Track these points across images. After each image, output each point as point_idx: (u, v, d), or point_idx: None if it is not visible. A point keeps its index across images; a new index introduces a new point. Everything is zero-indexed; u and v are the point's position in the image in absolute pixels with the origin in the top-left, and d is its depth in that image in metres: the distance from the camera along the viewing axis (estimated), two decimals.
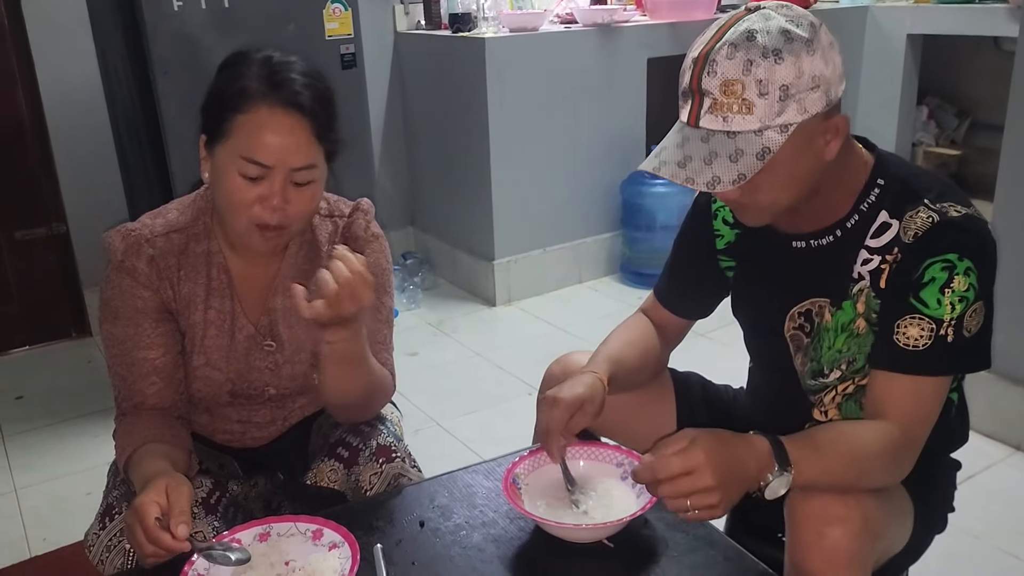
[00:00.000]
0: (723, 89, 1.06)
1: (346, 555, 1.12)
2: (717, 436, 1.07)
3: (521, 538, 1.21)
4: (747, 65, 1.04)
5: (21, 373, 3.22)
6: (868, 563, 1.13)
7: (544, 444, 1.23)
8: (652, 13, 3.83)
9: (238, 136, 1.24)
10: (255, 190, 1.24)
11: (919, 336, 1.13)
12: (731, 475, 1.03)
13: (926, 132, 4.89)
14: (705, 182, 1.07)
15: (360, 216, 1.45)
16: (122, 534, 1.26)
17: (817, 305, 1.27)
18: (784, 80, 1.04)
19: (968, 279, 1.11)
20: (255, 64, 1.26)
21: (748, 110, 1.05)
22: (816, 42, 1.06)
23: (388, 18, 3.84)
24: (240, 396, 1.45)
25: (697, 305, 1.48)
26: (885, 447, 1.12)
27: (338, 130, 1.31)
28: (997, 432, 2.45)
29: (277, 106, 1.23)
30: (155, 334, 1.35)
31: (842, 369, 1.27)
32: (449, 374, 3.07)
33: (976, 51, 4.63)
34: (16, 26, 3.12)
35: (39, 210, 3.33)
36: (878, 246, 1.19)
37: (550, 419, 1.20)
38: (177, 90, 2.64)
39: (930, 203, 1.15)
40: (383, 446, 1.41)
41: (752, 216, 1.20)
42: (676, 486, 1.03)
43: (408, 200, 4.14)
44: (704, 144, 1.08)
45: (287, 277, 1.41)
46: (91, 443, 2.68)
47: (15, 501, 2.42)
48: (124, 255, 1.34)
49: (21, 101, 3.19)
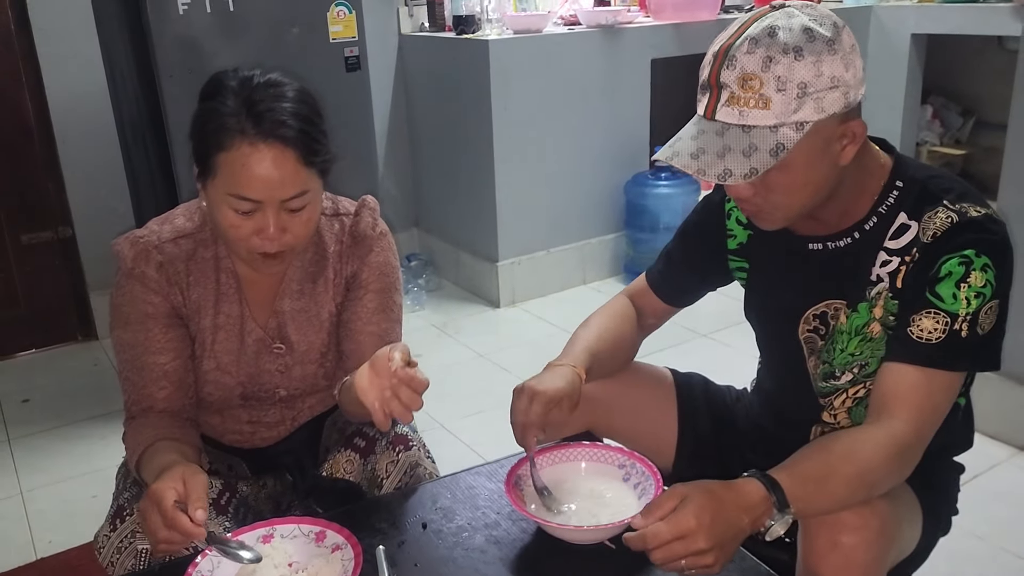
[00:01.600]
0: (741, 83, 1.05)
1: (349, 557, 1.13)
2: (708, 494, 1.04)
3: (523, 540, 1.22)
4: (767, 61, 1.04)
5: (27, 376, 3.23)
6: (883, 570, 1.13)
7: (519, 438, 1.22)
8: (656, 14, 3.83)
9: (223, 174, 1.22)
10: (250, 223, 1.24)
11: (933, 329, 1.12)
12: (724, 533, 1.02)
13: (930, 131, 4.88)
14: (717, 174, 1.06)
15: (367, 213, 1.46)
16: (133, 536, 1.27)
17: (832, 307, 1.27)
18: (803, 78, 1.04)
19: (986, 275, 1.11)
20: (232, 95, 1.22)
21: (765, 105, 1.05)
22: (838, 43, 1.06)
23: (392, 20, 3.85)
24: (251, 398, 1.46)
25: (690, 295, 1.48)
26: (892, 453, 1.09)
27: (328, 146, 1.28)
28: (1002, 433, 2.44)
29: (260, 141, 1.20)
30: (165, 339, 1.36)
31: (854, 372, 1.26)
32: (453, 376, 3.08)
33: (980, 50, 4.62)
34: (23, 31, 3.13)
35: (45, 214, 3.34)
36: (897, 248, 1.19)
37: (528, 414, 1.20)
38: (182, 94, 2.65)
39: (949, 204, 1.15)
40: (400, 435, 1.43)
41: (767, 220, 1.19)
42: (670, 552, 1.01)
43: (412, 202, 4.15)
44: (719, 137, 1.08)
45: (294, 280, 1.42)
46: (97, 446, 2.69)
47: (21, 504, 2.43)
48: (134, 262, 1.35)
49: (28, 106, 3.21)
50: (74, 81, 3.20)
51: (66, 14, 3.13)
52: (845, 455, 1.09)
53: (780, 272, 1.33)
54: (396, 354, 1.09)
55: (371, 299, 1.44)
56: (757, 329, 1.44)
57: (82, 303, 3.46)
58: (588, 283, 3.87)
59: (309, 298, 1.44)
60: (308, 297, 1.44)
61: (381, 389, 1.09)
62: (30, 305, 3.39)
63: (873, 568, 1.09)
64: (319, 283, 1.44)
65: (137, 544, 1.26)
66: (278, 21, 2.77)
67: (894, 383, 1.14)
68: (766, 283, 1.37)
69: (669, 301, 1.47)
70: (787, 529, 1.06)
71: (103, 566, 1.28)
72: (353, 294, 1.45)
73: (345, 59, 2.92)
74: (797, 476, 1.07)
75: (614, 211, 3.84)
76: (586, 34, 3.60)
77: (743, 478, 1.07)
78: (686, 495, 1.04)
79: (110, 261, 1.39)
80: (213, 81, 1.27)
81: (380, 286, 1.45)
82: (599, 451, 1.33)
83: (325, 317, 1.45)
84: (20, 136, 3.23)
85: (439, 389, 2.88)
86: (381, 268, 1.45)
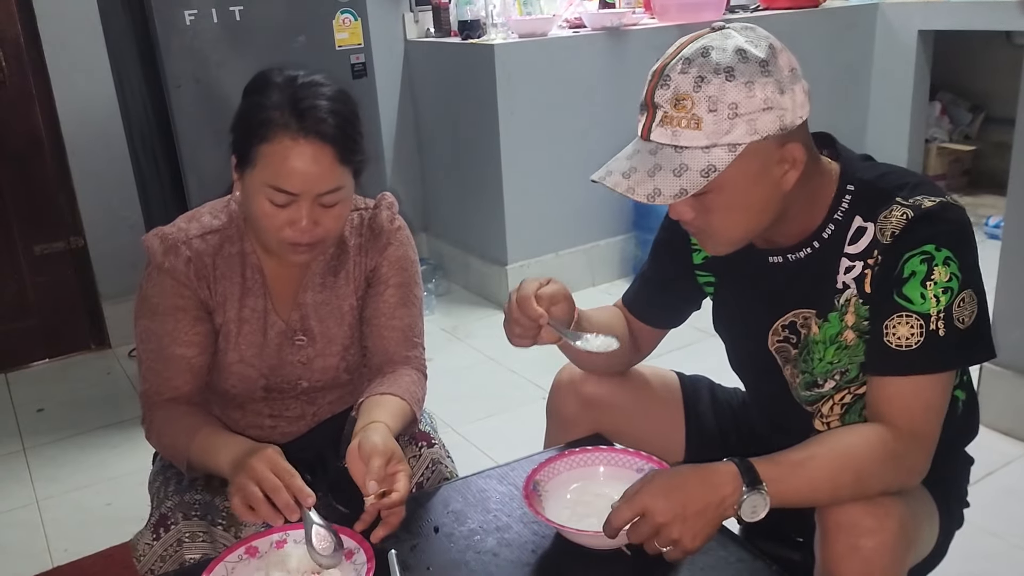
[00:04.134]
0: (674, 103, 1.06)
1: (361, 561, 1.13)
2: (670, 473, 1.08)
3: (535, 542, 1.22)
4: (698, 81, 1.04)
5: (41, 386, 3.25)
6: (903, 572, 1.12)
7: (519, 311, 1.17)
8: (661, 16, 3.83)
9: (264, 165, 1.27)
10: (284, 214, 1.28)
11: (910, 335, 1.11)
12: (684, 508, 1.04)
13: (939, 128, 4.87)
14: (646, 194, 1.07)
15: (384, 208, 1.50)
16: (180, 545, 1.28)
17: (801, 317, 1.26)
18: (734, 99, 1.04)
19: (949, 269, 1.10)
20: (277, 90, 1.28)
21: (696, 125, 1.05)
22: (773, 65, 1.06)
23: (398, 27, 3.86)
24: (273, 390, 1.48)
25: (667, 315, 1.46)
26: (877, 445, 1.09)
27: (364, 147, 1.34)
28: (1015, 429, 2.43)
29: (301, 136, 1.25)
30: (191, 332, 1.39)
31: (836, 379, 1.26)
32: (463, 379, 3.09)
33: (988, 46, 4.61)
34: (32, 44, 3.16)
35: (57, 225, 3.36)
36: (857, 252, 1.18)
37: (522, 288, 1.19)
38: (191, 103, 2.67)
39: (903, 200, 1.14)
40: (424, 432, 1.46)
41: (710, 244, 1.19)
42: (635, 531, 1.06)
43: (420, 207, 4.16)
44: (651, 156, 1.08)
45: (317, 273, 1.46)
46: (111, 454, 2.71)
47: (37, 512, 2.45)
48: (163, 256, 1.37)
49: (38, 117, 3.24)
50: (84, 93, 3.22)
51: (75, 27, 3.15)
52: (827, 444, 1.11)
53: (745, 285, 1.32)
54: (371, 483, 1.17)
55: (392, 294, 1.48)
56: (727, 343, 1.43)
57: (95, 312, 3.48)
58: (597, 285, 3.88)
59: (331, 291, 1.47)
60: (330, 290, 1.47)
61: (363, 475, 1.19)
62: (43, 315, 3.41)
63: (893, 570, 1.08)
64: (340, 276, 1.47)
65: (184, 553, 1.28)
66: (284, 30, 2.79)
67: (882, 396, 1.14)
68: (733, 297, 1.36)
69: (646, 321, 1.45)
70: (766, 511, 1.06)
71: (141, 573, 1.29)
72: (374, 290, 1.48)
73: (351, 66, 2.93)
74: (773, 459, 1.09)
75: (622, 213, 3.84)
76: (591, 37, 3.60)
77: (721, 461, 1.10)
78: (647, 478, 1.08)
79: (122, 270, 1.42)
80: (259, 78, 1.32)
81: (400, 280, 1.49)
82: (617, 455, 1.32)
83: (347, 310, 1.48)
84: (31, 148, 3.25)
85: (449, 393, 2.92)
86: (400, 262, 1.49)
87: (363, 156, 1.34)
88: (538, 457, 1.37)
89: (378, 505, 1.18)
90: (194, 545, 1.28)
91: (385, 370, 1.46)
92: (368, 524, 1.19)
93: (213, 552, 1.27)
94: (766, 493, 1.05)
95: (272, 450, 1.22)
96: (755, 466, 1.07)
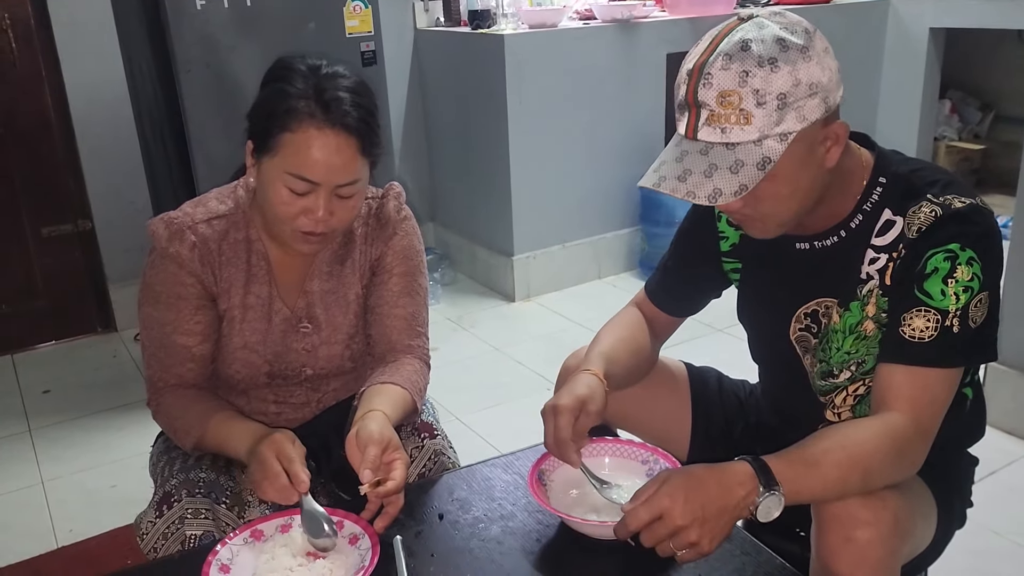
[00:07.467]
0: (720, 100, 1.05)
1: (366, 547, 1.14)
2: (686, 474, 1.06)
3: (539, 531, 1.23)
4: (743, 76, 1.03)
5: (48, 368, 3.27)
6: (897, 565, 1.12)
7: (559, 455, 1.21)
8: (671, 8, 3.82)
9: (285, 153, 1.27)
10: (301, 203, 1.29)
11: (925, 328, 1.12)
12: (703, 510, 1.02)
13: (949, 126, 4.85)
14: (707, 195, 1.06)
15: (392, 198, 1.50)
16: (182, 522, 1.28)
17: (823, 305, 1.26)
18: (781, 88, 1.03)
19: (972, 269, 1.10)
20: (301, 78, 1.28)
21: (746, 120, 1.04)
22: (811, 49, 1.06)
23: (408, 15, 3.86)
24: (277, 377, 1.49)
25: (689, 304, 1.47)
26: (885, 441, 1.09)
27: (382, 142, 1.35)
28: (1019, 428, 2.43)
29: (327, 126, 1.25)
30: (193, 321, 1.39)
31: (852, 370, 1.26)
32: (468, 369, 3.09)
33: (999, 44, 4.59)
34: (43, 27, 3.16)
35: (65, 207, 3.37)
36: (884, 244, 1.19)
37: (557, 429, 1.19)
38: (200, 88, 2.68)
39: (933, 197, 1.15)
40: (426, 423, 1.46)
41: (758, 229, 1.19)
42: (652, 534, 1.03)
43: (428, 196, 4.16)
44: (703, 157, 1.07)
45: (324, 261, 1.46)
46: (116, 436, 2.72)
47: (42, 493, 2.47)
48: (168, 241, 1.37)
49: (48, 100, 3.24)
50: (93, 76, 3.23)
51: (86, 10, 3.16)
52: (838, 440, 1.10)
53: (771, 272, 1.33)
54: (366, 471, 1.18)
55: (396, 282, 1.48)
56: (749, 330, 1.43)
57: (102, 295, 3.49)
58: (603, 277, 3.88)
59: (337, 279, 1.47)
60: (336, 278, 1.47)
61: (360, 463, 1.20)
62: (50, 297, 3.42)
63: (887, 563, 1.09)
64: (347, 264, 1.48)
65: (186, 530, 1.28)
66: (295, 16, 2.79)
67: (890, 383, 1.14)
68: (758, 283, 1.36)
69: (669, 311, 1.46)
70: (781, 511, 1.05)
71: (145, 552, 1.29)
72: (378, 278, 1.49)
73: (361, 54, 2.94)
74: (786, 458, 1.07)
75: (629, 205, 3.84)
76: (601, 28, 3.59)
77: (734, 460, 1.08)
78: (666, 478, 1.06)
79: (130, 253, 1.42)
80: (281, 65, 1.32)
81: (404, 269, 1.49)
82: (622, 447, 1.33)
83: (352, 298, 1.48)
84: (40, 130, 3.26)
85: (455, 383, 2.93)
86: (405, 252, 1.49)
87: (381, 149, 1.34)
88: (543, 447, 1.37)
89: (374, 494, 1.18)
90: (196, 522, 1.28)
91: (388, 359, 1.47)
92: (374, 512, 1.20)
93: (215, 529, 1.28)
94: (782, 494, 1.05)
95: (280, 434, 1.24)
96: (770, 466, 1.06)
